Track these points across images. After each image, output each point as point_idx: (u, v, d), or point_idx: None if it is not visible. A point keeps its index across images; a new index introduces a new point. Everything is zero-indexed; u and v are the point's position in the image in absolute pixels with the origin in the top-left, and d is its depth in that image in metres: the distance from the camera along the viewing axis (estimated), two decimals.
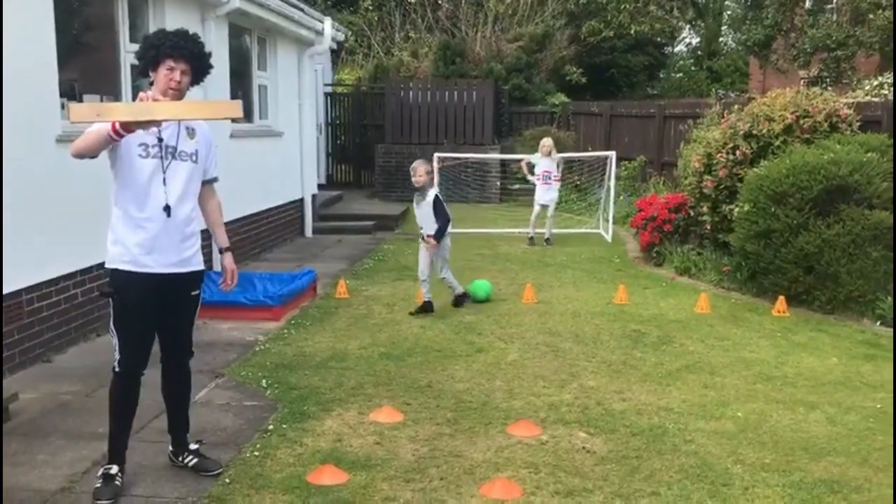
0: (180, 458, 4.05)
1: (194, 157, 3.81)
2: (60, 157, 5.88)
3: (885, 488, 3.92)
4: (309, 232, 12.44)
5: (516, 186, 15.57)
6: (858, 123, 8.52)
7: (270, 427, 4.57)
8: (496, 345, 6.36)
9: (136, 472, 3.97)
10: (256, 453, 4.21)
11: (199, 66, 3.74)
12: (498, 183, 16.16)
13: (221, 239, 4.14)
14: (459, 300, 7.64)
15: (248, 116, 10.46)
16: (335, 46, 14.31)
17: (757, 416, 4.88)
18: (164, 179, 3.69)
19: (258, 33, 10.56)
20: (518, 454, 4.27)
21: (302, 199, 12.32)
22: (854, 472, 4.10)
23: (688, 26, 28.66)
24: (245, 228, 9.90)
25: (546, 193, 11.42)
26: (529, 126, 16.94)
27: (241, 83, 10.09)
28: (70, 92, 6.34)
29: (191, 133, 3.81)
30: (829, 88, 13.26)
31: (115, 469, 3.79)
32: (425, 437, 4.47)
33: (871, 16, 14.63)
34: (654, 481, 3.96)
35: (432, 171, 7.25)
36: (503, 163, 15.70)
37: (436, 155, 12.41)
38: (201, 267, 3.93)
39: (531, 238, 11.47)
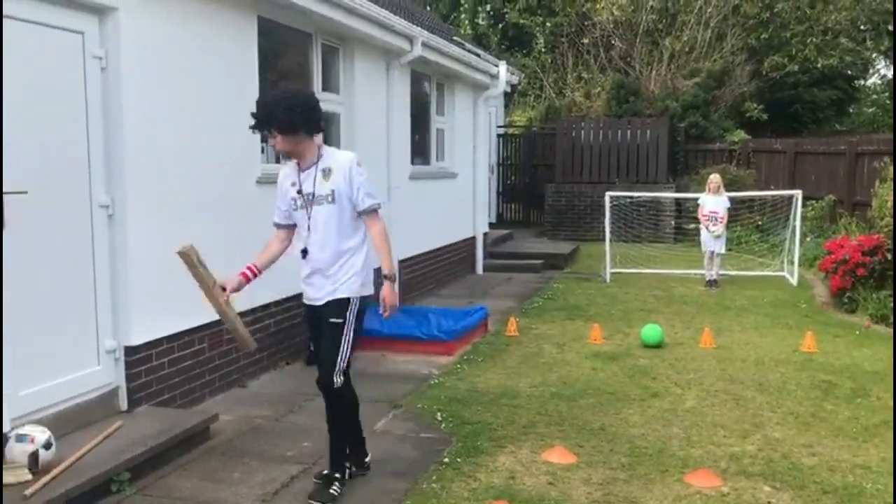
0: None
1: (330, 198, 4.06)
2: (259, 196, 6.40)
3: None
4: (479, 269, 12.66)
5: (692, 226, 15.07)
6: None
7: (446, 460, 4.68)
8: (672, 390, 6.17)
9: None
10: (434, 485, 4.32)
11: (272, 123, 3.98)
12: (672, 222, 15.74)
13: (382, 265, 4.21)
14: None
15: (425, 158, 10.87)
16: (509, 89, 14.60)
17: None
18: (308, 226, 4.10)
19: (437, 79, 10.99)
20: None
21: (474, 238, 12.58)
22: None
23: (882, 57, 26.79)
24: (421, 265, 10.23)
25: (711, 238, 10.98)
26: (707, 164, 16.42)
27: (419, 127, 10.52)
28: (265, 138, 6.86)
29: (326, 174, 4.07)
30: None
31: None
32: (599, 481, 4.40)
33: None
34: None
35: None
36: (678, 201, 15.30)
37: (607, 194, 12.30)
38: (347, 295, 4.14)
39: (710, 281, 11.06)
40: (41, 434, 4.03)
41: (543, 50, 22.22)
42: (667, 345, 7.58)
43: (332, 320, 4.12)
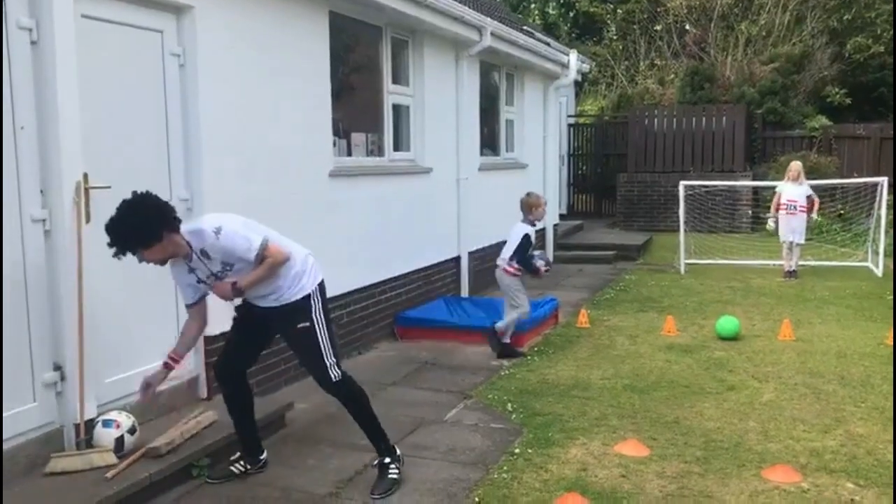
0: None
1: (229, 268, 3.90)
2: (332, 188, 6.51)
3: None
4: (550, 260, 12.56)
5: (769, 215, 14.66)
6: None
7: (516, 450, 4.67)
8: (749, 383, 6.02)
9: None
10: (504, 475, 4.32)
11: (132, 247, 3.67)
12: (749, 211, 15.32)
13: (242, 278, 3.93)
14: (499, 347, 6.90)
15: (494, 149, 10.85)
16: (579, 78, 14.43)
17: None
18: (206, 292, 4.03)
19: (506, 69, 10.94)
20: (775, 500, 4.00)
21: (544, 229, 12.49)
22: None
23: None
24: (490, 256, 10.18)
25: (791, 228, 10.61)
26: (786, 151, 15.90)
27: (488, 118, 10.50)
28: (336, 131, 6.98)
29: (206, 255, 3.85)
30: None
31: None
32: (673, 474, 4.33)
33: None
34: None
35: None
36: (755, 190, 14.88)
37: (682, 183, 12.04)
38: (305, 293, 4.05)
39: (788, 272, 10.72)
40: (126, 419, 4.20)
41: (615, 38, 21.90)
42: (744, 337, 7.40)
43: (300, 325, 4.02)
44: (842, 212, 13.86)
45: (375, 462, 4.27)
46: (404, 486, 4.19)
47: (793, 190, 10.71)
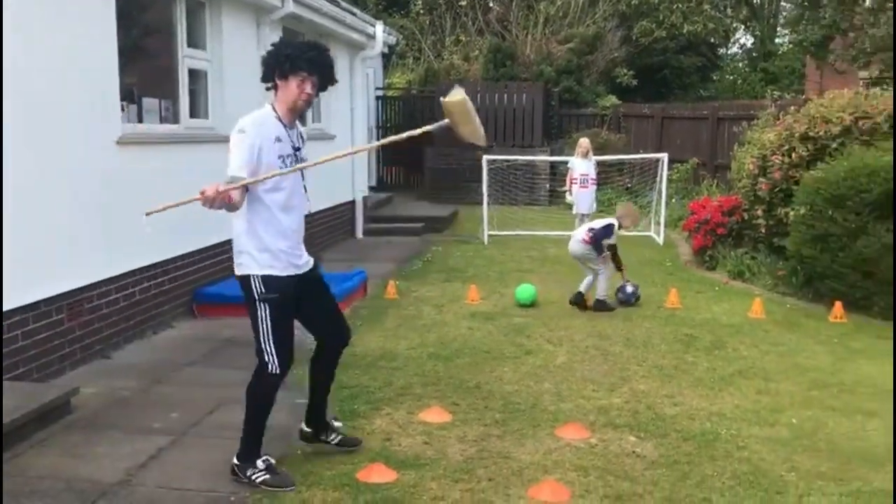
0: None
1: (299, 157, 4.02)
2: (120, 157, 6.06)
3: None
4: (359, 233, 12.56)
5: (565, 188, 15.49)
6: None
7: None
8: (545, 347, 6.35)
9: (192, 466, 4.07)
10: (308, 450, 4.27)
11: (327, 78, 3.97)
12: (547, 185, 16.09)
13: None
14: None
15: (301, 118, 10.59)
16: (386, 50, 14.42)
17: (813, 423, 4.78)
18: (305, 187, 3.93)
19: (310, 37, 10.68)
20: (567, 457, 4.25)
21: (353, 202, 12.44)
22: None
23: (742, 27, 28.11)
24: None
25: (584, 200, 11.26)
26: (580, 128, 16.84)
27: None
28: (129, 95, 6.52)
29: (302, 138, 4.05)
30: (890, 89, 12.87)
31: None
32: (474, 438, 4.48)
33: None
34: (705, 487, 3.91)
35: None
36: (552, 165, 15.64)
37: (484, 157, 12.41)
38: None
39: None
40: None
41: (421, 12, 22.04)
42: (540, 304, 7.78)
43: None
44: (629, 185, 14.90)
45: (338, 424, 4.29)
46: (201, 469, 4.03)
47: (583, 165, 11.33)
